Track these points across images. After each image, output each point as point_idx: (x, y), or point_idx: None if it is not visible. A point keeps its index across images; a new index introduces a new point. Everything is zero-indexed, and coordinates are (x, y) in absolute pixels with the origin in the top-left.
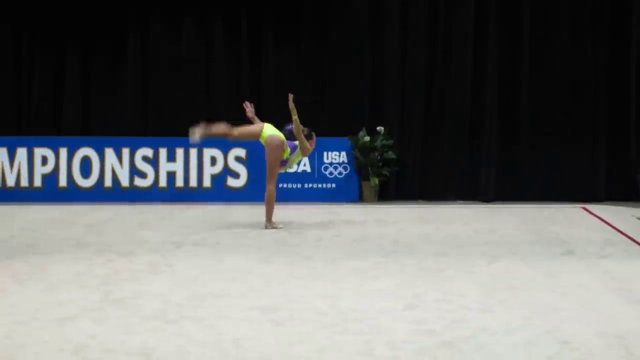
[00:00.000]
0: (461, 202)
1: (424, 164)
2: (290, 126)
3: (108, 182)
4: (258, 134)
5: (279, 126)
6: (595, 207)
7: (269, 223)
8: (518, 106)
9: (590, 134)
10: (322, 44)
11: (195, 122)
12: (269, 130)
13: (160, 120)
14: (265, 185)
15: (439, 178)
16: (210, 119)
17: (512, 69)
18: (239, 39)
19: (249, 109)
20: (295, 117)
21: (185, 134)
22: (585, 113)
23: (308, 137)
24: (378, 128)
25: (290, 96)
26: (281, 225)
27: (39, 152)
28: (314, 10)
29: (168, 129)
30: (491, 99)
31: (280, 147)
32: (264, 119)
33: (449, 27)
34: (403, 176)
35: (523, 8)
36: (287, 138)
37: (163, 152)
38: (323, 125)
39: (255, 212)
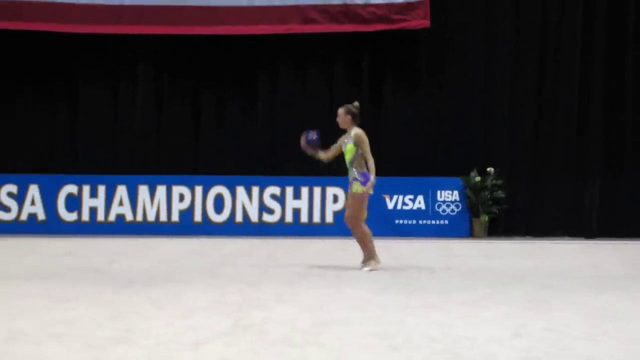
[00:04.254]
0: (567, 238)
1: (531, 203)
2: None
3: (239, 218)
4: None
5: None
6: None
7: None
8: (623, 148)
9: None
10: (437, 90)
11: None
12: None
13: (287, 161)
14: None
15: (545, 215)
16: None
17: (615, 112)
18: (361, 85)
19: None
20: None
21: (310, 173)
22: None
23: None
24: (488, 169)
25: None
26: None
27: (177, 189)
28: (430, 59)
29: (294, 168)
30: (595, 142)
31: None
32: (383, 160)
33: (555, 76)
34: (511, 213)
35: (627, 52)
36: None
37: (289, 191)
38: (437, 165)
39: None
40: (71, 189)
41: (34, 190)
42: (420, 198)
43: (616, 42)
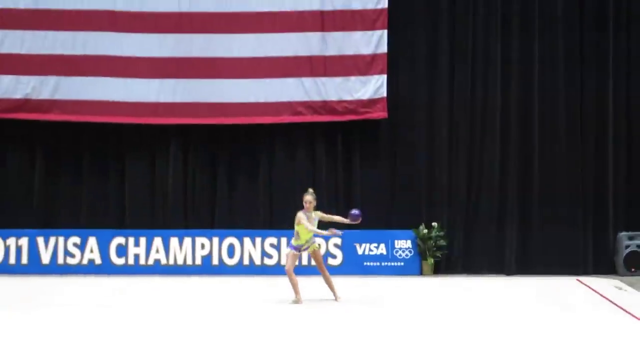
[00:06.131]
0: (492, 274)
1: (465, 248)
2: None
3: (246, 261)
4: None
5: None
6: (585, 279)
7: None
8: (532, 204)
9: (581, 224)
10: (393, 163)
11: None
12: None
13: (283, 217)
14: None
15: (476, 258)
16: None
17: (526, 178)
18: (336, 160)
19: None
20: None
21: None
22: (577, 210)
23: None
24: (433, 224)
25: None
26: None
27: (199, 240)
28: (388, 140)
29: (287, 224)
30: (512, 200)
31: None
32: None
33: (480, 154)
34: (451, 257)
35: (534, 132)
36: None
37: (284, 240)
38: (394, 221)
39: (349, 283)
40: (120, 240)
41: (92, 242)
42: (382, 246)
43: (526, 128)
